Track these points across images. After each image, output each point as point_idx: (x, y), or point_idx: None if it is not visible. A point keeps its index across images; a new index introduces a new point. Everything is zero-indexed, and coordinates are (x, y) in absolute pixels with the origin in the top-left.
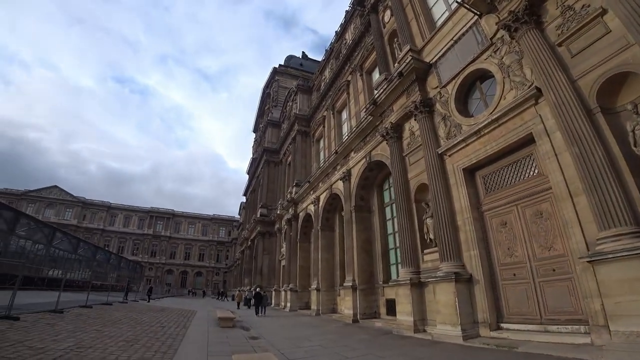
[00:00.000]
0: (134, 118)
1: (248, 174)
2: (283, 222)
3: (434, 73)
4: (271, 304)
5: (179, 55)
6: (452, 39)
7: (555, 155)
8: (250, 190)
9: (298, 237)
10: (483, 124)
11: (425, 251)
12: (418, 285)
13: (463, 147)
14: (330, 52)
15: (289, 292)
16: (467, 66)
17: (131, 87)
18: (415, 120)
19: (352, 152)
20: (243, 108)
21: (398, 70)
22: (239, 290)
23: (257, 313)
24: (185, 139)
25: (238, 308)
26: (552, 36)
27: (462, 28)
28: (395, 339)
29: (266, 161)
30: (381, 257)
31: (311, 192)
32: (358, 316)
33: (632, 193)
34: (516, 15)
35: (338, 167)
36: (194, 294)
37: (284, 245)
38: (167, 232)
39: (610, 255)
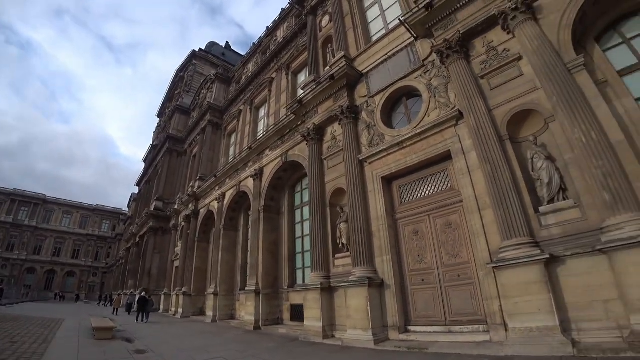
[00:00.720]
0: (6, 75)
1: (145, 162)
2: (180, 219)
3: (364, 82)
4: (159, 309)
5: (81, 14)
6: (386, 54)
7: (469, 172)
8: (145, 181)
9: (197, 236)
10: (406, 137)
11: (337, 256)
12: (328, 290)
13: (384, 156)
14: (258, 46)
15: (181, 297)
16: (397, 81)
17: (9, 36)
18: (339, 124)
19: (268, 150)
20: (148, 90)
21: (330, 74)
22: (119, 294)
23: (137, 319)
24: (71, 112)
25: (116, 314)
26: (477, 69)
27: (397, 46)
28: (304, 345)
29: (168, 149)
30: (288, 260)
31: (217, 188)
32: (260, 322)
33: (528, 210)
34: (449, 44)
35: (250, 163)
36: (62, 298)
37: (179, 244)
38: (33, 221)
39: (512, 262)
